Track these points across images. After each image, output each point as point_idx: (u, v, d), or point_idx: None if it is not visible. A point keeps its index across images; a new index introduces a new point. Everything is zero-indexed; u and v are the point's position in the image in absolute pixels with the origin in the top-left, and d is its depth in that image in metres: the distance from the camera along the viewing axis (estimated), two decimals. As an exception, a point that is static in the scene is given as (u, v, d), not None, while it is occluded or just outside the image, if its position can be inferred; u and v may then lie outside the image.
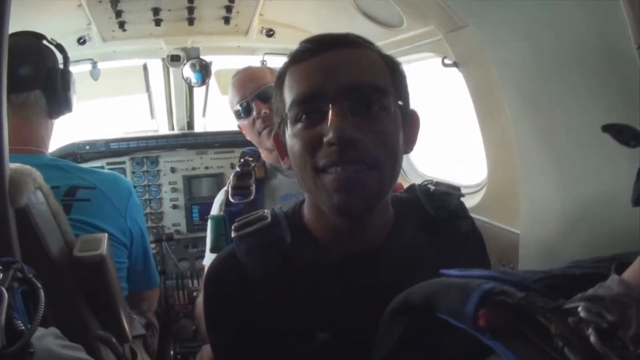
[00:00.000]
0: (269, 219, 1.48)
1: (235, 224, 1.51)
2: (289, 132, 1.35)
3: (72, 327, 1.68)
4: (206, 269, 2.78)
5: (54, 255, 1.70)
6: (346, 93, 1.26)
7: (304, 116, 1.30)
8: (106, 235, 1.88)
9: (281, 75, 1.41)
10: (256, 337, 1.38)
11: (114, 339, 1.95)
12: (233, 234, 1.48)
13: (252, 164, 2.61)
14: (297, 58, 1.37)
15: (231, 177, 2.58)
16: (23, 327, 1.03)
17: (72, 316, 1.75)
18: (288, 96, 1.35)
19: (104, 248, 1.79)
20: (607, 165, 1.56)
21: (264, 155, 2.70)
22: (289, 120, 1.34)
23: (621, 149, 0.87)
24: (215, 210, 2.62)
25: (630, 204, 0.83)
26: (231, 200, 2.44)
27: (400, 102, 1.36)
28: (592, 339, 0.71)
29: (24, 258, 1.52)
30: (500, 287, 0.84)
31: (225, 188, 2.61)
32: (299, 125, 1.31)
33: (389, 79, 1.36)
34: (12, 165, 1.54)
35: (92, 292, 1.82)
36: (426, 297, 0.97)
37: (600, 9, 1.39)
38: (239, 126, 2.74)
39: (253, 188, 2.48)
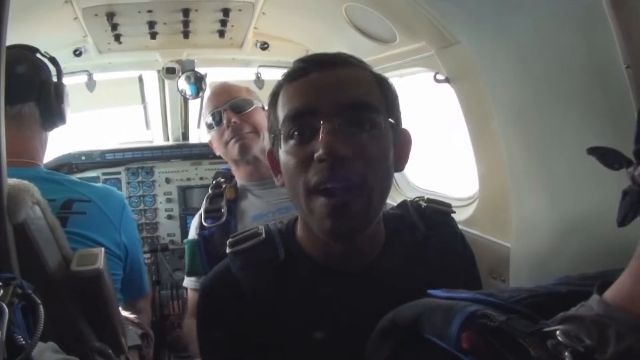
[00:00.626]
0: (264, 236, 1.50)
1: (230, 239, 1.53)
2: (282, 148, 1.37)
3: (70, 340, 1.71)
4: (188, 290, 2.81)
5: (51, 269, 1.71)
6: (337, 110, 1.28)
7: (296, 133, 1.32)
8: (102, 249, 1.89)
9: (275, 93, 1.43)
10: (249, 353, 1.40)
11: (110, 351, 1.96)
12: (228, 250, 1.49)
13: (224, 186, 2.64)
14: (290, 77, 1.39)
15: (204, 200, 2.60)
16: (23, 342, 1.04)
17: (69, 329, 1.76)
18: (281, 113, 1.37)
19: (100, 262, 1.80)
20: (595, 182, 1.59)
21: (233, 169, 2.71)
22: (282, 137, 1.35)
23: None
24: (191, 234, 2.63)
25: (614, 220, 0.86)
26: (204, 224, 2.45)
27: (391, 120, 1.37)
28: None
29: (22, 273, 1.53)
30: (483, 310, 0.87)
31: (200, 211, 2.61)
32: (292, 142, 1.33)
33: (379, 97, 1.37)
34: (10, 181, 1.55)
35: (89, 304, 1.84)
36: (413, 318, 1.00)
37: (590, 30, 1.42)
38: (209, 141, 2.76)
39: (224, 210, 2.49)
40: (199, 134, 4.61)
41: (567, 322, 0.84)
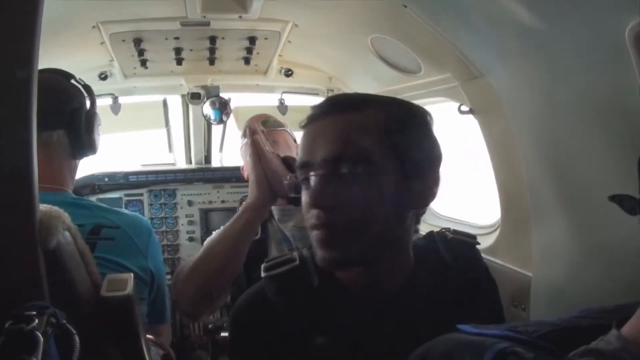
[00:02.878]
0: (297, 262, 1.53)
1: (265, 264, 1.56)
2: None
3: (99, 363, 1.73)
4: None
5: (81, 295, 1.72)
6: (325, 163, 1.34)
7: (301, 179, 1.42)
8: (132, 275, 1.90)
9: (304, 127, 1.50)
10: None
11: (136, 374, 1.99)
12: (263, 274, 1.53)
13: None
14: (307, 121, 1.45)
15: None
16: None
17: (99, 353, 1.78)
18: None
19: (130, 288, 1.82)
20: (617, 213, 1.60)
21: None
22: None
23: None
24: None
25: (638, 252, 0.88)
26: None
27: (401, 160, 1.37)
28: None
29: (52, 298, 1.55)
30: (512, 347, 0.89)
31: None
32: (303, 186, 1.42)
33: (380, 142, 1.36)
34: (41, 207, 1.57)
35: (118, 330, 1.85)
36: (445, 354, 1.01)
37: (613, 66, 1.45)
38: (242, 168, 2.81)
39: (259, 228, 2.51)
40: (221, 158, 4.65)
41: (588, 355, 0.86)
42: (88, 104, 2.26)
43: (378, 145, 1.36)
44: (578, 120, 1.72)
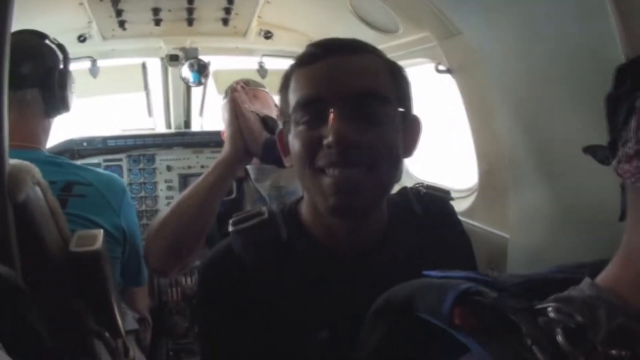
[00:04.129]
0: (266, 215, 1.51)
1: (233, 218, 1.54)
2: (292, 132, 1.39)
3: (67, 321, 1.72)
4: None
5: (50, 249, 1.72)
6: (347, 98, 1.30)
7: (306, 118, 1.34)
8: (101, 231, 1.90)
9: (287, 77, 1.45)
10: (252, 331, 1.41)
11: (107, 334, 1.98)
12: (231, 228, 1.50)
13: None
14: (302, 62, 1.41)
15: None
16: None
17: (66, 310, 1.77)
18: (292, 98, 1.39)
19: (99, 244, 1.81)
20: (594, 174, 1.59)
21: None
22: (292, 121, 1.38)
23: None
24: None
25: (614, 212, 0.87)
26: None
27: (401, 109, 1.39)
28: (560, 338, 0.74)
29: (21, 252, 1.54)
30: (476, 287, 0.88)
31: None
32: (301, 127, 1.35)
33: (391, 85, 1.38)
34: (10, 161, 1.56)
35: (87, 286, 1.85)
36: (407, 297, 1.01)
37: (590, 21, 1.42)
38: (222, 132, 2.77)
39: (234, 187, 2.50)
40: (201, 122, 4.62)
41: (559, 302, 0.85)
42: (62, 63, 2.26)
43: (389, 88, 1.37)
44: (555, 78, 1.71)
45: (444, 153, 4.23)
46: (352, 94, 1.31)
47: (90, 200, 2.17)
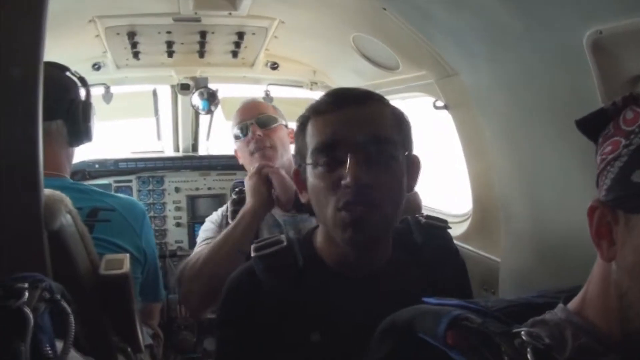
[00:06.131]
0: (285, 243, 1.67)
1: (255, 244, 1.70)
2: (310, 172, 1.55)
3: (95, 338, 1.83)
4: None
5: (81, 273, 1.81)
6: (363, 145, 1.46)
7: (325, 160, 1.51)
8: (127, 255, 1.98)
9: (303, 122, 1.61)
10: (267, 349, 1.56)
11: (129, 349, 2.10)
12: (253, 253, 1.66)
13: None
14: (319, 110, 1.57)
15: (229, 203, 2.72)
16: (50, 353, 0.96)
17: (95, 328, 1.84)
18: (311, 142, 1.55)
19: (127, 267, 1.91)
20: (576, 203, 1.73)
21: None
22: (310, 163, 1.54)
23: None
24: (205, 234, 2.70)
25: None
26: (230, 221, 2.57)
27: (406, 152, 1.57)
28: (529, 357, 0.91)
29: (55, 277, 1.62)
30: (465, 314, 1.05)
31: (221, 211, 2.77)
32: (320, 169, 1.52)
33: (397, 130, 1.56)
34: (45, 191, 1.63)
35: (114, 306, 1.93)
36: (409, 320, 1.17)
37: (573, 68, 1.60)
38: (235, 151, 2.88)
39: None
40: (208, 146, 4.75)
41: (535, 325, 1.03)
42: (83, 94, 2.33)
43: (396, 134, 1.55)
44: (542, 115, 1.88)
45: (443, 178, 4.36)
46: (367, 140, 1.47)
47: (115, 224, 2.28)
